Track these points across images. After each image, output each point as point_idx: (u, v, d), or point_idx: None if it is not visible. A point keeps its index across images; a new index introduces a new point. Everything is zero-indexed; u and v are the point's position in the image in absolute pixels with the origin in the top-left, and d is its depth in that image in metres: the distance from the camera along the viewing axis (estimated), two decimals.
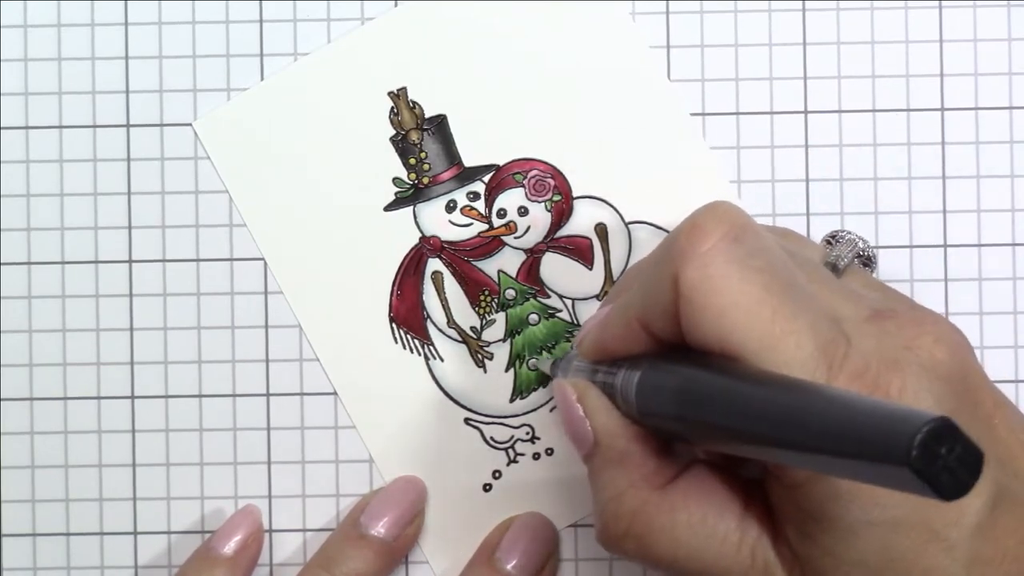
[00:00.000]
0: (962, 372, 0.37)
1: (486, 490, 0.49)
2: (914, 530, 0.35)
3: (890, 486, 0.29)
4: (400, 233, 0.49)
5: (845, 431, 0.29)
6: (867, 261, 0.44)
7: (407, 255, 0.49)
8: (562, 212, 0.49)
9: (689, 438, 0.37)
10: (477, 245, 0.49)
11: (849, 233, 0.44)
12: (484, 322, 0.49)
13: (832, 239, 0.44)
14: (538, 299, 0.49)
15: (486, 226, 0.49)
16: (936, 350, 0.37)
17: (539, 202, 0.49)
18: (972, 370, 0.38)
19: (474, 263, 0.49)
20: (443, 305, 0.49)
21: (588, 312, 0.48)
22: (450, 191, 0.49)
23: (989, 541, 0.35)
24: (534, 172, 0.49)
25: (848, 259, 0.42)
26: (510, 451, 0.49)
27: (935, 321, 0.38)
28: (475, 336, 0.49)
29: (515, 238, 0.49)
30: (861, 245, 0.43)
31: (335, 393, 0.49)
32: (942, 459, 0.27)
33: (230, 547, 0.47)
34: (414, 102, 0.49)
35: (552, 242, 0.49)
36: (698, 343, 0.36)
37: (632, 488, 0.39)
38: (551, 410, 0.49)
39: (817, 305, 0.36)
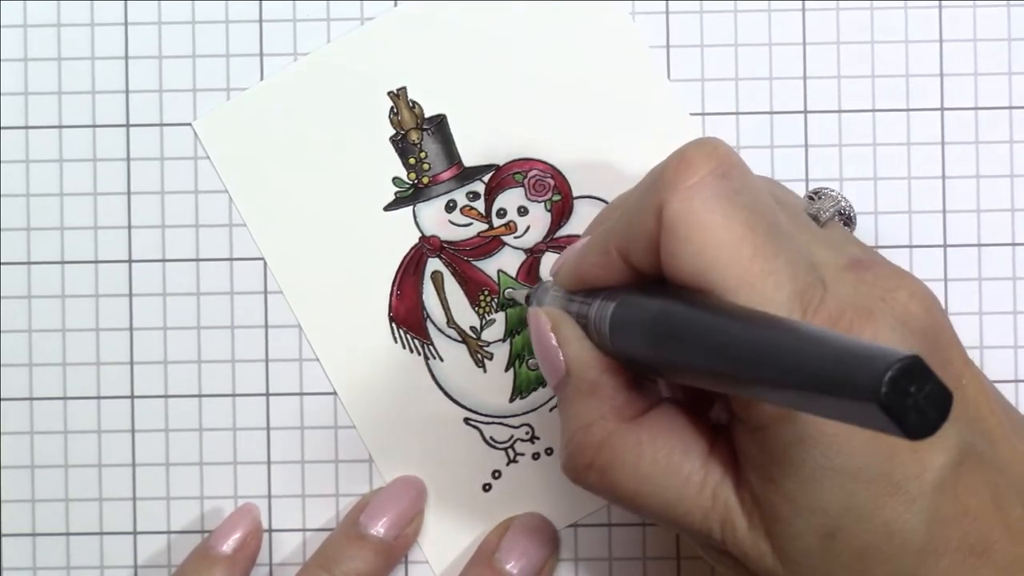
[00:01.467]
0: (935, 329, 0.37)
1: (486, 490, 0.49)
2: (875, 481, 0.35)
3: (859, 423, 0.28)
4: (400, 233, 0.49)
5: (816, 366, 0.29)
6: (847, 220, 0.44)
7: (407, 255, 0.49)
8: (562, 212, 0.49)
9: (660, 372, 0.37)
10: (477, 245, 0.49)
11: (832, 190, 0.44)
12: (484, 322, 0.49)
13: (815, 194, 0.44)
14: None
15: (486, 226, 0.49)
16: (911, 304, 0.37)
17: (539, 202, 0.49)
18: (944, 328, 0.37)
19: (474, 263, 0.49)
20: (443, 305, 0.49)
21: None
22: (450, 191, 0.49)
23: (950, 499, 0.35)
24: (534, 172, 0.49)
25: (830, 213, 0.42)
26: (510, 451, 0.49)
27: (911, 278, 0.38)
28: (475, 336, 0.49)
29: (515, 238, 0.49)
30: (843, 203, 0.44)
31: (335, 393, 0.49)
32: (911, 397, 0.27)
33: (229, 545, 0.47)
34: (414, 102, 0.49)
35: (552, 242, 0.49)
36: (676, 277, 0.36)
37: (600, 420, 0.38)
38: (551, 410, 0.49)
39: (797, 248, 0.36)
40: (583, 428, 0.39)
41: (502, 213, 0.49)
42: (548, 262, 0.49)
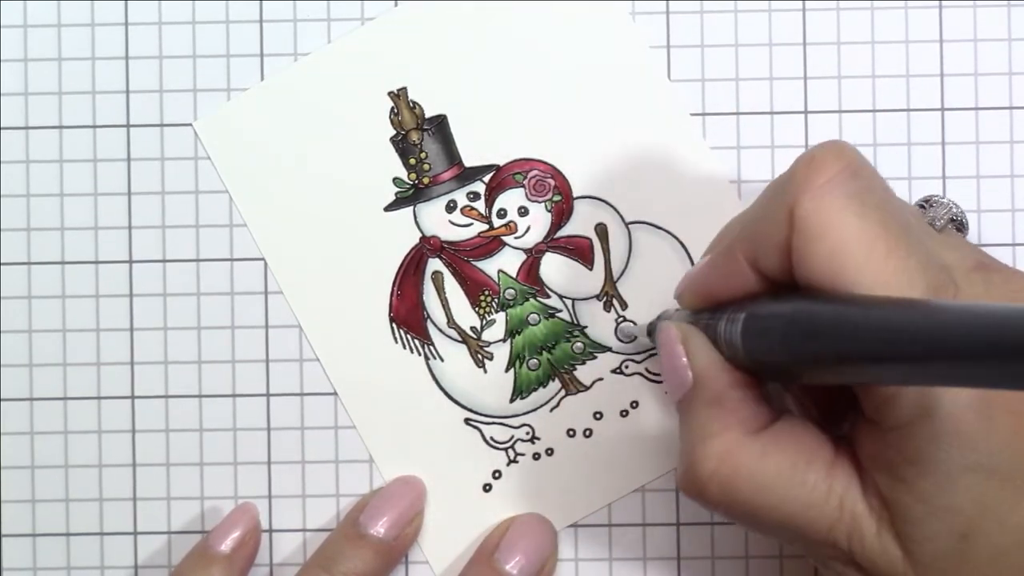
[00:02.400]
0: None
1: (486, 490, 0.49)
2: (1011, 480, 0.35)
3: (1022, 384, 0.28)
4: (400, 233, 0.49)
5: (976, 333, 0.28)
6: (960, 226, 0.44)
7: (407, 255, 0.49)
8: (562, 212, 0.49)
9: (796, 374, 0.37)
10: (477, 245, 0.49)
11: (943, 197, 0.44)
12: (484, 322, 0.49)
13: (926, 202, 0.44)
14: (538, 299, 0.49)
15: (486, 226, 0.49)
16: None
17: (539, 202, 0.49)
18: None
19: (474, 263, 0.49)
20: (443, 305, 0.49)
21: (588, 312, 0.48)
22: (450, 191, 0.49)
23: None
24: (534, 172, 0.49)
25: (944, 221, 0.42)
26: (510, 451, 0.49)
27: None
28: (475, 336, 0.49)
29: (515, 238, 0.49)
30: (955, 209, 0.43)
31: (335, 393, 0.49)
32: None
33: (227, 545, 0.47)
34: (414, 102, 0.49)
35: (552, 242, 0.49)
36: (808, 277, 0.36)
37: (725, 431, 0.38)
38: (551, 410, 0.49)
39: (928, 249, 0.36)
40: (705, 439, 0.38)
41: (502, 213, 0.49)
42: (549, 262, 0.49)
